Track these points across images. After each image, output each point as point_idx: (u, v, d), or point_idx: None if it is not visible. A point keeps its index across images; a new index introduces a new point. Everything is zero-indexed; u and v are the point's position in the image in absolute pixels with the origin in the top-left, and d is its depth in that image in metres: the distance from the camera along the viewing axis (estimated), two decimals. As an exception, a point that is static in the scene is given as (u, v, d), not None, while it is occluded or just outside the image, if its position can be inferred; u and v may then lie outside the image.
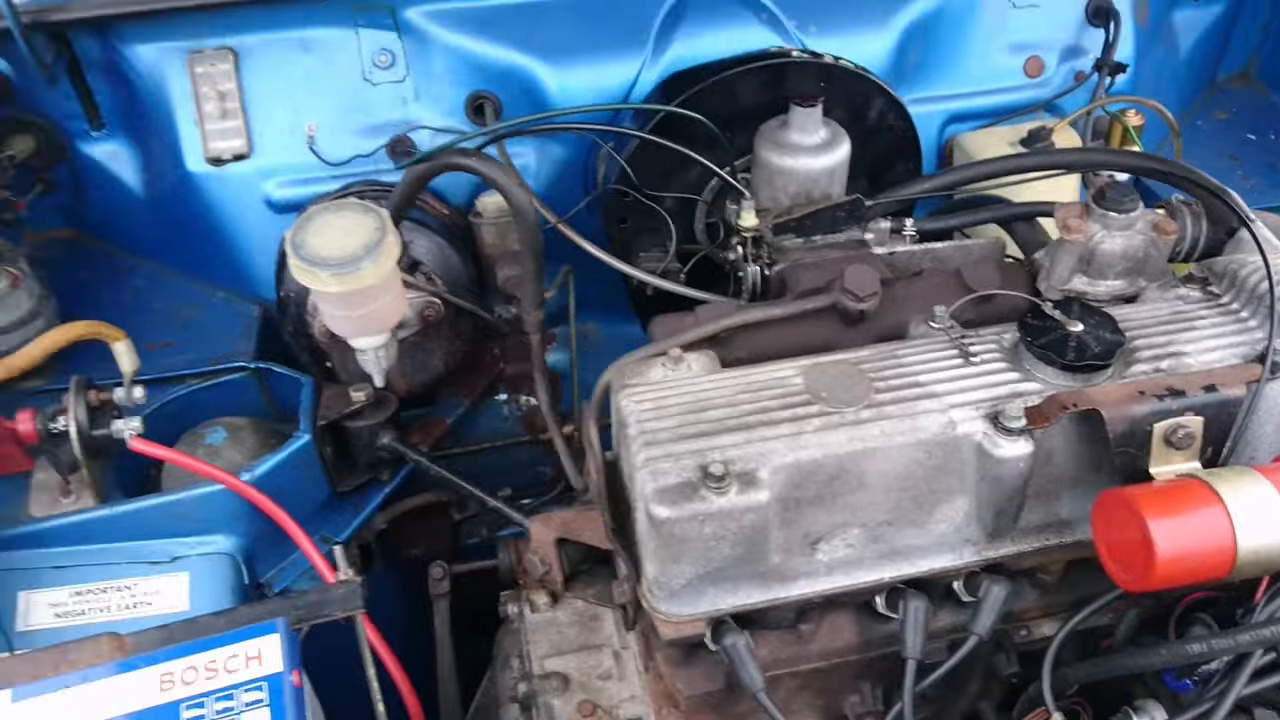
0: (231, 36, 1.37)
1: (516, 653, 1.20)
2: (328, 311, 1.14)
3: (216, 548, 1.17)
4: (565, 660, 1.17)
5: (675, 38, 1.39)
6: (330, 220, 1.09)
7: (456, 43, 1.38)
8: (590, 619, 1.22)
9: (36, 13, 1.29)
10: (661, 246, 1.33)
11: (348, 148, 1.40)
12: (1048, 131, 1.44)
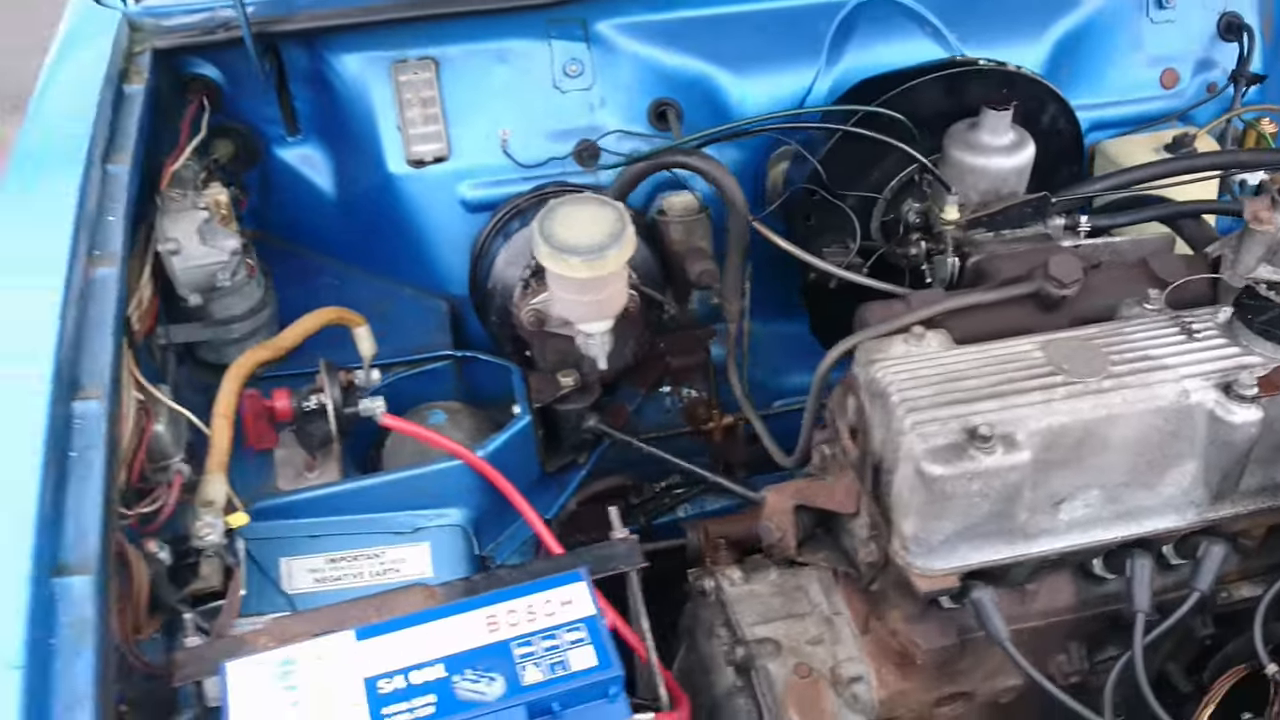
0: (433, 47, 1.46)
1: (721, 622, 1.28)
2: (564, 297, 1.22)
3: (451, 520, 1.25)
4: (773, 627, 1.25)
5: (847, 49, 1.49)
6: (574, 212, 1.18)
7: (642, 52, 1.48)
8: (791, 589, 1.30)
9: (262, 23, 1.39)
10: (842, 244, 1.41)
11: (538, 151, 1.49)
12: (1190, 139, 1.54)
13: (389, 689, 0.86)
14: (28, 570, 0.82)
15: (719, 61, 1.47)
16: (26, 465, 0.88)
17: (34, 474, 0.87)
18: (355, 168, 1.53)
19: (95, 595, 0.84)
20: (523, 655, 0.89)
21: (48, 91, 1.30)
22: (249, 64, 1.45)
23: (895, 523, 1.02)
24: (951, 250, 1.25)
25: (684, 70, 1.48)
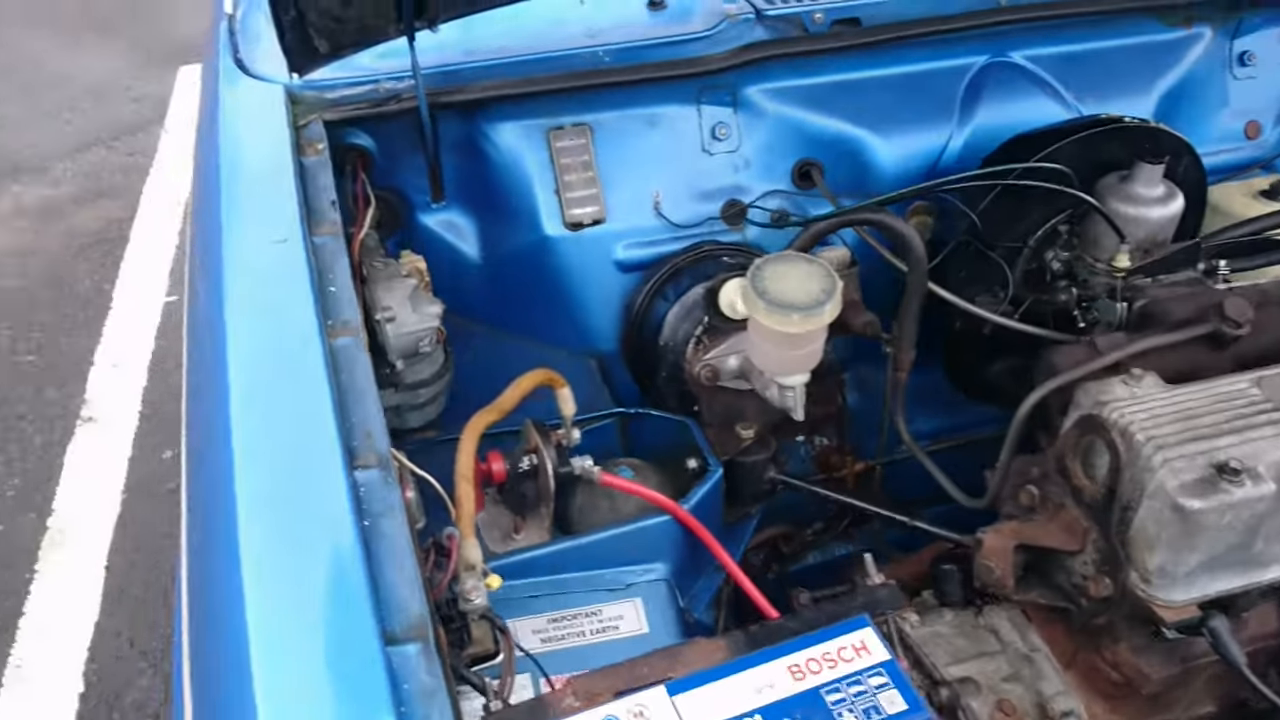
0: (587, 114, 1.51)
1: (910, 663, 1.31)
2: (770, 352, 1.26)
3: (657, 574, 1.27)
4: (966, 667, 1.29)
5: (977, 109, 1.57)
6: (783, 270, 1.22)
7: (786, 115, 1.54)
8: (971, 629, 1.34)
9: (433, 95, 1.42)
10: (991, 293, 1.48)
11: (688, 212, 1.54)
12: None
13: (715, 740, 0.88)
14: (373, 642, 0.83)
15: (859, 122, 1.54)
16: (344, 536, 0.89)
17: (352, 545, 0.88)
18: (504, 232, 1.55)
19: (431, 662, 0.85)
20: (835, 702, 0.91)
21: (236, 167, 1.31)
22: (403, 133, 1.48)
23: (1136, 557, 1.07)
24: (1118, 295, 1.32)
25: (826, 131, 1.54)
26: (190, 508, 1.12)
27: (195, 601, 0.98)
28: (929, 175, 1.55)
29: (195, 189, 1.53)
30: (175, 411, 2.92)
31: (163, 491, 2.72)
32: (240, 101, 1.44)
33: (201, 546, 0.96)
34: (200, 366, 1.15)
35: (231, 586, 0.85)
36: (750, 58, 1.46)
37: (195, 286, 1.34)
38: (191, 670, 0.97)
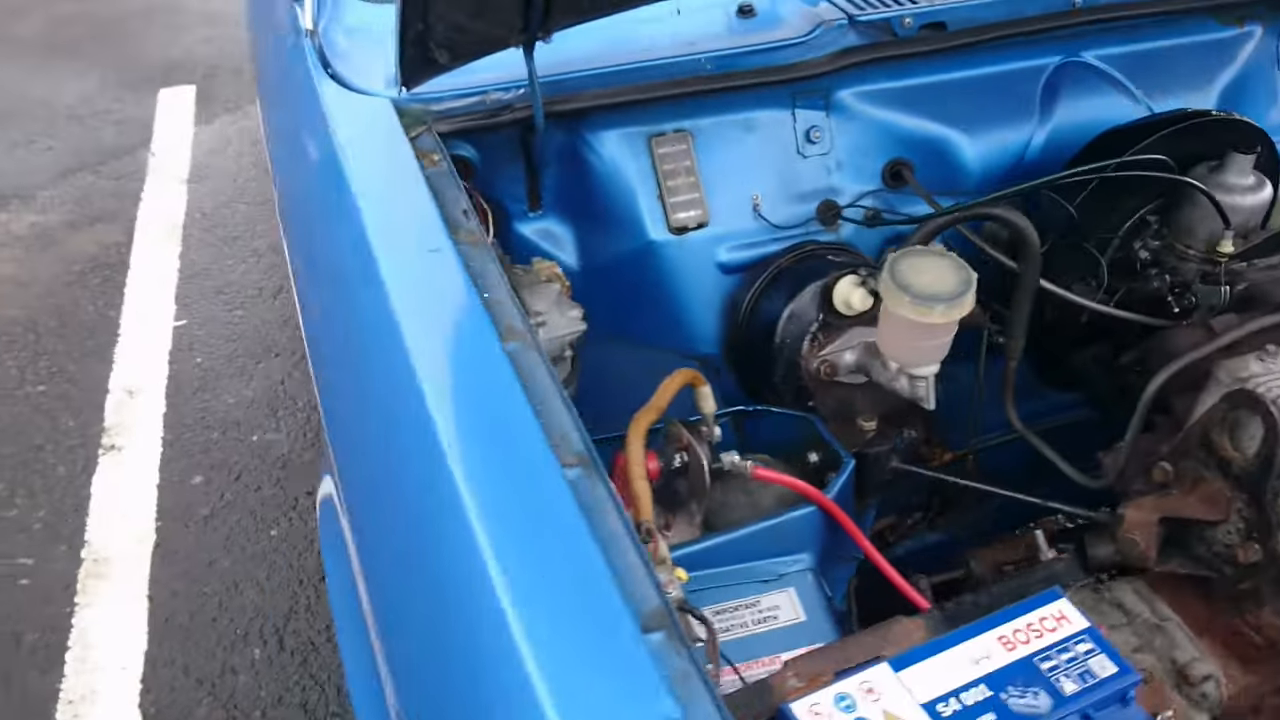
0: (686, 120, 1.54)
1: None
2: (908, 344, 1.30)
3: (804, 564, 1.30)
4: (1093, 641, 1.34)
5: (1055, 108, 1.63)
6: (919, 264, 1.26)
7: (876, 117, 1.59)
8: (1093, 604, 1.39)
9: (546, 104, 1.44)
10: (1084, 283, 1.54)
11: (785, 214, 1.58)
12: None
13: (948, 712, 0.91)
14: (631, 630, 0.85)
15: (946, 122, 1.60)
16: (579, 532, 0.91)
17: (588, 539, 0.90)
18: (605, 239, 1.58)
19: (679, 647, 0.87)
20: (1049, 669, 0.95)
21: (366, 180, 1.32)
22: (503, 143, 1.50)
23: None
24: (1221, 280, 1.39)
25: (915, 131, 1.59)
26: (373, 517, 1.12)
27: (413, 605, 0.98)
28: (1013, 172, 1.61)
29: (300, 204, 1.53)
30: (199, 437, 2.89)
31: (197, 518, 2.69)
32: (351, 116, 1.45)
33: (424, 551, 0.97)
34: (365, 377, 1.16)
35: (480, 587, 0.86)
36: (847, 63, 1.51)
37: (327, 302, 1.34)
38: (408, 675, 0.98)
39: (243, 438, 2.94)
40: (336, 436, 1.24)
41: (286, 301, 3.44)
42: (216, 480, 2.80)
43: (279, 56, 1.85)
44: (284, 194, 1.66)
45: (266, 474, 2.82)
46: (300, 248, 1.51)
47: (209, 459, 2.87)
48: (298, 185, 1.54)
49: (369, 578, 1.08)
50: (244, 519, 2.69)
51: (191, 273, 3.63)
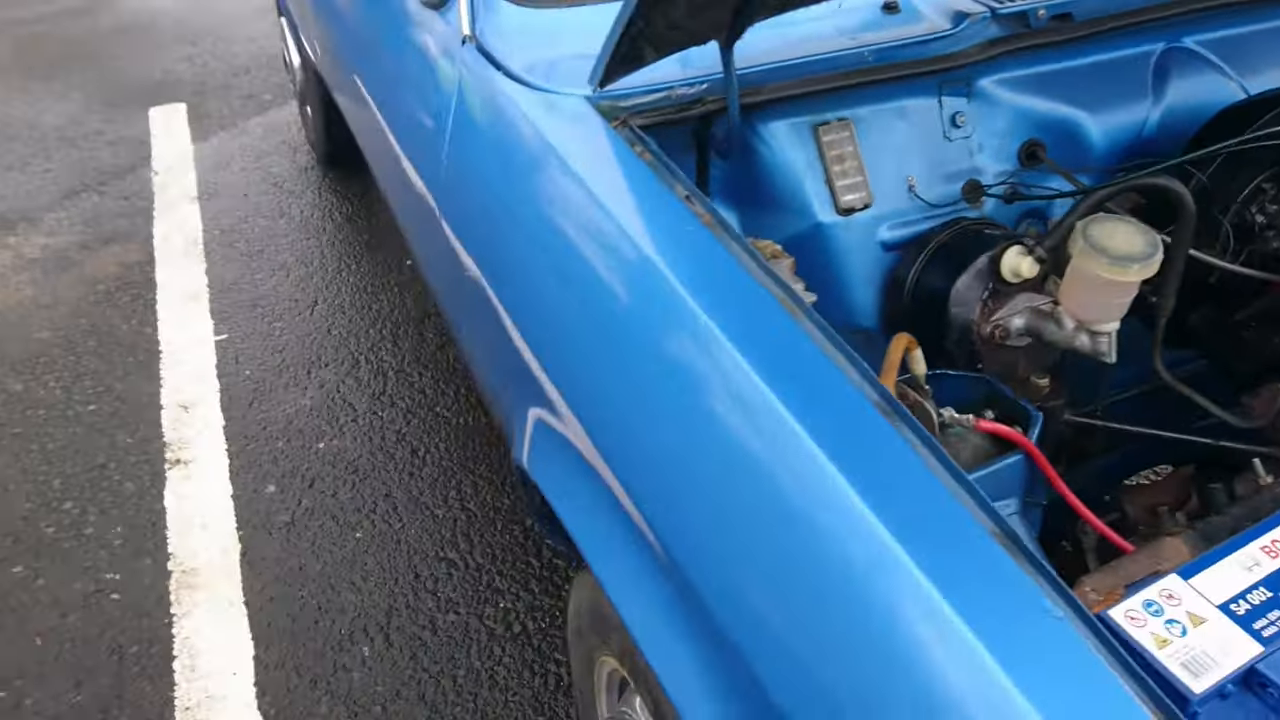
0: (846, 110, 1.66)
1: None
2: (1096, 302, 1.43)
3: (1012, 508, 1.42)
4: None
5: (1166, 90, 1.79)
6: (1110, 229, 1.40)
7: (1013, 101, 1.73)
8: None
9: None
10: (1210, 246, 1.69)
11: (935, 193, 1.71)
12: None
13: (1241, 611, 1.04)
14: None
15: (1074, 104, 1.74)
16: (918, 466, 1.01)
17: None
18: (772, 223, 1.68)
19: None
20: (1315, 573, 1.09)
21: (599, 176, 1.40)
22: (677, 135, 1.60)
23: None
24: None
25: (1048, 114, 1.74)
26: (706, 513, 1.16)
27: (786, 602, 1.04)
28: (1132, 150, 1.76)
29: (494, 202, 1.60)
30: (264, 448, 2.91)
31: (277, 525, 2.71)
32: (553, 114, 1.53)
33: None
34: (653, 362, 1.22)
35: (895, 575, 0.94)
36: (994, 53, 1.64)
37: (568, 301, 1.39)
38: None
39: (307, 445, 2.96)
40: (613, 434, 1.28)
41: (324, 313, 3.46)
42: (291, 488, 2.82)
43: (414, 65, 1.91)
44: (447, 198, 1.72)
45: (340, 479, 2.84)
46: (496, 248, 1.57)
47: (278, 468, 2.89)
48: (483, 186, 1.60)
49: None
50: (326, 523, 2.72)
51: (221, 288, 3.63)
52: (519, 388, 1.52)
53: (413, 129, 1.92)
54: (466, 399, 3.09)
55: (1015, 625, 0.88)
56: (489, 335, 1.62)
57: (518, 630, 2.42)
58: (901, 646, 0.89)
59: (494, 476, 2.83)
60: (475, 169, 1.63)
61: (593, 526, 1.35)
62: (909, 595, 0.90)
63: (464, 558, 2.61)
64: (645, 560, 1.22)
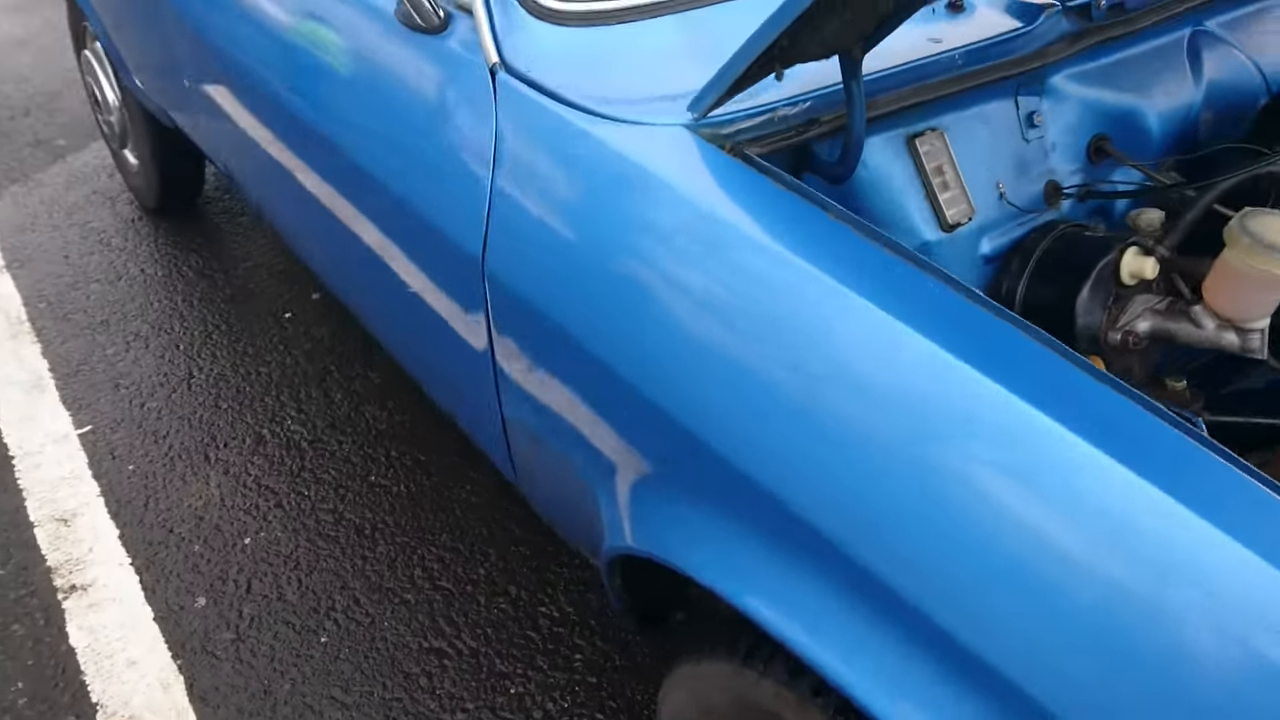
0: (934, 119, 1.54)
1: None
2: (1251, 298, 1.38)
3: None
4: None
5: (1202, 73, 1.78)
6: (1265, 222, 1.35)
7: (1080, 96, 1.66)
8: None
9: (838, 116, 1.39)
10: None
11: (1020, 198, 1.62)
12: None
13: None
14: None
15: (1134, 95, 1.70)
16: None
17: None
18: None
19: None
20: None
21: (769, 226, 1.21)
22: (776, 159, 1.44)
23: None
24: None
25: (1113, 106, 1.69)
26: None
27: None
28: (1185, 132, 1.74)
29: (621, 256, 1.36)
30: (176, 554, 2.50)
31: (222, 644, 2.33)
32: (662, 149, 1.32)
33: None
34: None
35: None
36: (1078, 47, 1.57)
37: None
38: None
39: (230, 543, 2.57)
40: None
41: (204, 385, 3.03)
42: (225, 597, 2.44)
43: (400, 102, 1.65)
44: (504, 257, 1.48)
45: (282, 577, 2.48)
46: (601, 302, 1.35)
47: (202, 577, 2.49)
48: (574, 238, 1.38)
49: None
50: (281, 632, 2.36)
51: (68, 370, 3.11)
52: (622, 458, 1.32)
53: (401, 176, 1.65)
54: (400, 463, 2.78)
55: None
56: (573, 413, 1.40)
57: (539, 717, 2.18)
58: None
59: (458, 545, 2.55)
60: (552, 216, 1.40)
61: (793, 600, 1.17)
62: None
63: (453, 645, 2.33)
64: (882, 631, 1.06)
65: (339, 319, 3.28)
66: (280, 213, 2.42)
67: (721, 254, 1.20)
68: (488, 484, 2.70)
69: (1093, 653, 0.88)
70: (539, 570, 2.48)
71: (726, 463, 1.17)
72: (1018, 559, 0.93)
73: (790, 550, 1.15)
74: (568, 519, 1.70)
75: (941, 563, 0.98)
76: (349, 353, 3.15)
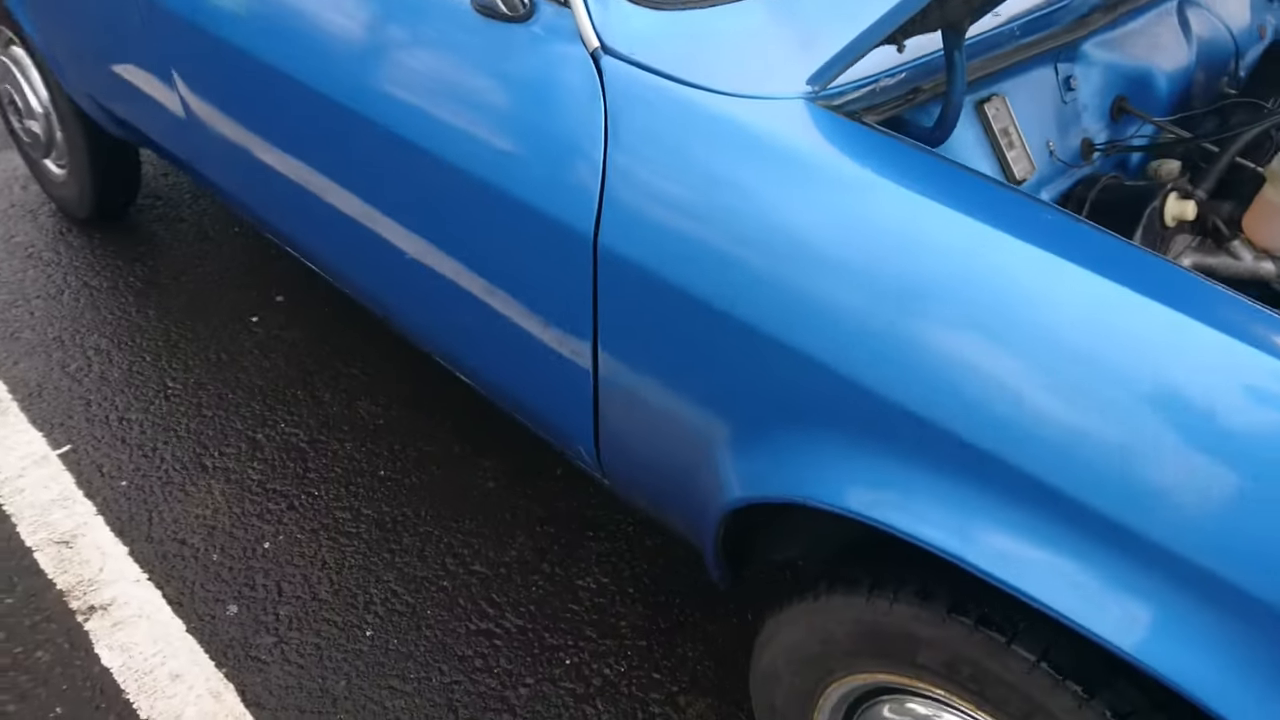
0: (994, 85, 1.68)
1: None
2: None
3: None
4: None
5: (1191, 37, 1.98)
6: (1302, 163, 1.55)
7: (1106, 60, 1.84)
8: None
9: (935, 84, 1.51)
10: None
11: (1063, 154, 1.78)
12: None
13: None
14: None
15: (1145, 58, 1.89)
16: None
17: None
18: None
19: None
20: None
21: (934, 190, 1.32)
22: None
23: None
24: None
25: (1129, 70, 1.87)
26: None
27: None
28: (1187, 91, 1.94)
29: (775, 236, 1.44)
30: (194, 566, 2.47)
31: (264, 649, 2.30)
32: (793, 124, 1.41)
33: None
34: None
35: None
36: (1115, 14, 1.74)
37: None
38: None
39: (249, 549, 2.53)
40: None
41: (183, 394, 2.95)
42: (256, 602, 2.41)
43: (488, 89, 1.68)
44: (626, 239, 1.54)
45: (311, 577, 2.47)
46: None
47: (227, 585, 2.45)
48: (711, 216, 1.45)
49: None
50: (324, 629, 2.35)
51: (29, 392, 2.97)
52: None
53: (488, 164, 1.69)
54: (406, 455, 2.78)
55: None
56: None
57: (599, 684, 2.25)
58: None
59: (483, 530, 2.59)
60: (680, 189, 1.47)
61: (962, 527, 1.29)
62: None
63: (499, 624, 2.37)
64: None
65: (309, 320, 3.24)
66: (298, 217, 2.38)
67: (861, 211, 1.30)
68: (502, 470, 2.74)
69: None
70: (569, 547, 2.54)
71: (882, 400, 1.28)
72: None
73: (944, 470, 1.26)
74: (667, 491, 1.78)
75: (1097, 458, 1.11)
76: (326, 352, 3.11)
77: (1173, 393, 1.10)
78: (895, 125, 1.56)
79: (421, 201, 1.87)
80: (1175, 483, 1.09)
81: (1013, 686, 1.32)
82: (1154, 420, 1.11)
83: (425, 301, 2.07)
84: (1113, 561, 1.17)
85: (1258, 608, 1.06)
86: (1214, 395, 1.08)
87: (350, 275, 2.36)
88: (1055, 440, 1.16)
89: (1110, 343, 1.14)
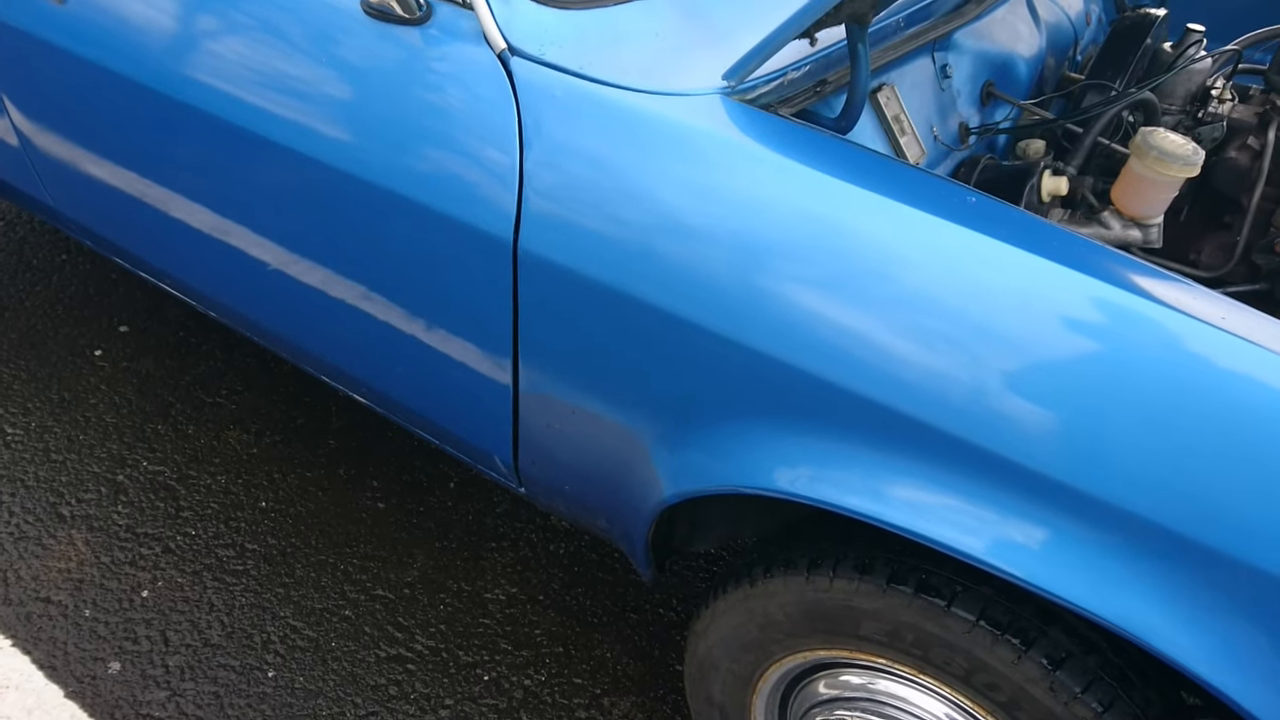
0: (883, 75, 1.75)
1: None
2: (1152, 199, 1.68)
3: None
4: None
5: (1040, 26, 2.12)
6: (1160, 136, 1.68)
7: (975, 48, 1.94)
8: None
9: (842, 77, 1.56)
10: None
11: (944, 138, 1.88)
12: None
13: None
14: None
15: (1007, 45, 2.01)
16: None
17: None
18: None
19: None
20: None
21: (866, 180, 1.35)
22: None
23: None
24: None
25: (994, 56, 1.98)
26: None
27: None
28: (1041, 77, 2.08)
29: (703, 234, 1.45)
30: (64, 626, 2.28)
31: (155, 705, 2.15)
32: (703, 115, 1.42)
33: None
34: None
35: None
36: (983, 7, 1.84)
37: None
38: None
39: (126, 599, 2.36)
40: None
41: (25, 440, 2.72)
42: (140, 655, 2.25)
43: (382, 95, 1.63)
44: (550, 242, 1.52)
45: (200, 622, 2.32)
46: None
47: (105, 641, 2.27)
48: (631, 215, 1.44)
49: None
50: (221, 676, 2.22)
51: None
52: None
53: (388, 173, 1.63)
54: (286, 483, 2.66)
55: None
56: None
57: (521, 696, 2.22)
58: None
59: (380, 553, 2.50)
60: (603, 190, 1.46)
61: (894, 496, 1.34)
62: None
63: (410, 649, 2.30)
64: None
65: (160, 349, 3.04)
66: (172, 248, 2.22)
67: (790, 200, 1.34)
68: (391, 489, 2.65)
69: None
70: (472, 560, 2.49)
71: (820, 381, 1.31)
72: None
73: (880, 446, 1.31)
74: (594, 495, 1.77)
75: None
76: (185, 382, 2.93)
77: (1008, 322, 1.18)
78: (803, 118, 1.60)
79: (318, 222, 1.78)
80: (1021, 406, 1.17)
81: (954, 647, 1.38)
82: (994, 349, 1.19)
83: (318, 326, 1.98)
84: (1002, 495, 1.23)
85: (1131, 521, 1.14)
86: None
87: (232, 303, 2.22)
88: (919, 380, 1.22)
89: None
